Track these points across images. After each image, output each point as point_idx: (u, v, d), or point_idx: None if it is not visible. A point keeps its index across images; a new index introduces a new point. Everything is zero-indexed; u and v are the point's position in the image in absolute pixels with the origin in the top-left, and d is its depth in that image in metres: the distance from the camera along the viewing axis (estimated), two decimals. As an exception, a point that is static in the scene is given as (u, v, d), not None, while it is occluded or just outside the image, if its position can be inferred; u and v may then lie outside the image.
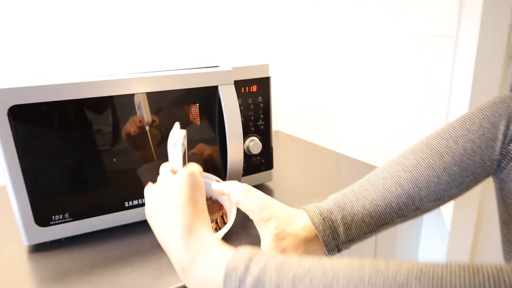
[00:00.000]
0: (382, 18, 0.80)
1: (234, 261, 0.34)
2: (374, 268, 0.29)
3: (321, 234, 0.47)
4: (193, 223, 0.40)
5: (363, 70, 0.86)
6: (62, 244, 0.57)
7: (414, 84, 0.77)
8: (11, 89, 0.49)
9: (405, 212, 0.48)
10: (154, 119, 0.59)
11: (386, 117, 0.83)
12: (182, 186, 0.42)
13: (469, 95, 0.69)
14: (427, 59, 0.74)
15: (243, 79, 0.66)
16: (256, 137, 0.69)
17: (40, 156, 0.52)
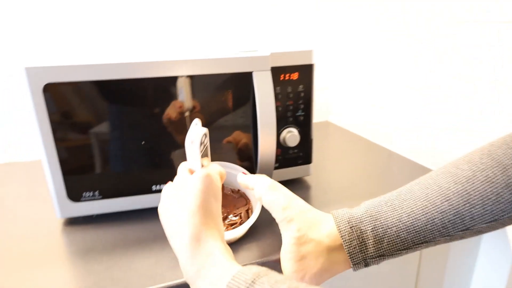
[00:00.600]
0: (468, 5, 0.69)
1: (236, 281, 0.31)
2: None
3: (347, 244, 0.41)
4: (202, 232, 0.37)
5: (428, 67, 0.76)
6: (92, 221, 0.59)
7: (482, 81, 0.66)
8: (47, 68, 0.50)
9: (451, 232, 0.41)
10: (195, 105, 0.57)
11: (448, 117, 0.73)
12: (195, 190, 0.39)
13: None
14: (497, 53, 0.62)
15: (283, 65, 0.61)
16: (294, 129, 0.65)
17: (73, 134, 0.54)
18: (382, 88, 0.85)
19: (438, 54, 0.71)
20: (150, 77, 0.54)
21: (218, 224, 0.39)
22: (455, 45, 0.69)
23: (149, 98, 0.55)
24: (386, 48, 0.84)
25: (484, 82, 0.65)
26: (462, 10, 0.65)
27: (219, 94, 0.58)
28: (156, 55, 0.56)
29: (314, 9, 1.00)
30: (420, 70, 0.71)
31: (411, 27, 0.72)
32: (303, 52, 0.61)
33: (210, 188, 0.40)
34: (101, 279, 0.46)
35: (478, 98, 0.67)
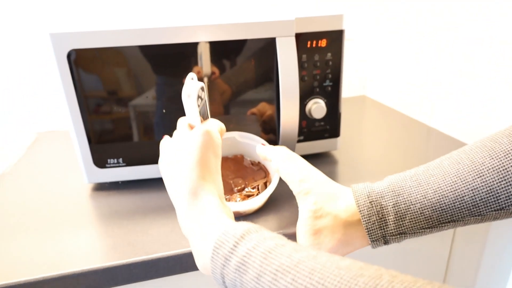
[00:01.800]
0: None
1: (225, 236, 0.31)
2: (372, 281, 0.23)
3: (365, 220, 0.39)
4: (199, 187, 0.36)
5: (476, 39, 0.68)
6: (118, 187, 0.60)
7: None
8: (70, 34, 0.50)
9: (483, 211, 0.37)
10: (214, 70, 0.55)
11: (493, 94, 0.65)
12: (194, 145, 0.38)
13: None
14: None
15: (311, 31, 0.57)
16: (321, 100, 0.61)
17: (98, 102, 0.54)
18: (424, 63, 0.78)
19: (485, 31, 0.63)
20: (173, 43, 0.53)
21: (216, 180, 0.38)
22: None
23: (171, 65, 0.54)
24: (430, 23, 0.76)
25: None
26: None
27: (242, 63, 0.56)
28: (176, 20, 0.54)
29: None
30: (462, 47, 0.63)
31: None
32: (332, 16, 0.57)
33: (210, 144, 0.39)
34: (119, 242, 0.47)
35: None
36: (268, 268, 0.27)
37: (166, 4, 0.87)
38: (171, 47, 0.53)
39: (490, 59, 0.66)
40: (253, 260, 0.28)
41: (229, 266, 0.29)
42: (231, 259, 0.29)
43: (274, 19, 0.54)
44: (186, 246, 0.46)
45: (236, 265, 0.28)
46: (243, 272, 0.28)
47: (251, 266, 0.28)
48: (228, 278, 0.29)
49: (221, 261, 0.30)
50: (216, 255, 0.30)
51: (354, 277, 0.23)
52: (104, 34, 0.51)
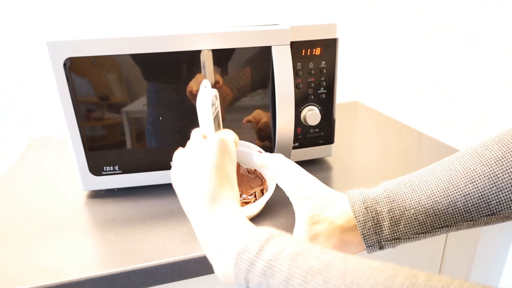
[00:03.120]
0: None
1: (249, 240, 0.30)
2: (409, 280, 0.23)
3: (361, 225, 0.40)
4: (219, 193, 0.36)
5: (471, 44, 0.70)
6: (113, 194, 0.60)
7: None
8: (67, 42, 0.51)
9: (475, 216, 0.38)
10: (218, 79, 0.56)
11: (489, 101, 0.67)
12: (210, 152, 0.38)
13: None
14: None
15: (305, 40, 0.58)
16: (315, 107, 0.62)
17: (95, 109, 0.55)
18: (415, 68, 0.80)
19: (472, 37, 0.65)
20: (169, 51, 0.53)
21: (233, 186, 0.39)
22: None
23: (167, 73, 0.55)
24: (420, 29, 0.78)
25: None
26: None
27: (238, 71, 0.57)
28: (172, 29, 0.55)
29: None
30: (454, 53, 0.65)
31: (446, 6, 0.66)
32: (326, 25, 0.58)
33: (226, 150, 0.39)
34: (117, 250, 0.47)
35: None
36: (297, 271, 0.26)
37: (163, 12, 0.88)
38: (167, 55, 0.53)
39: (481, 67, 0.68)
40: (281, 264, 0.27)
41: (254, 270, 0.28)
42: (257, 263, 0.28)
43: (269, 28, 0.55)
44: (185, 253, 0.46)
45: (262, 269, 0.28)
46: (270, 276, 0.27)
47: (278, 269, 0.27)
48: (253, 283, 0.29)
49: (246, 266, 0.29)
50: (240, 260, 0.30)
51: (389, 277, 0.23)
52: (100, 42, 0.52)
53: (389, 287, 0.23)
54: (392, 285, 0.23)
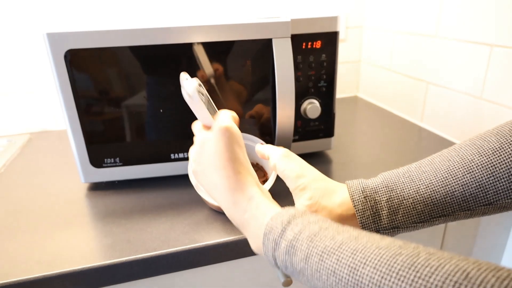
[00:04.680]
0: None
1: (273, 222, 0.33)
2: (409, 259, 0.25)
3: (360, 214, 0.40)
4: (237, 181, 0.38)
5: (475, 25, 0.70)
6: (114, 187, 0.61)
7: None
8: (68, 33, 0.51)
9: (472, 206, 0.38)
10: (216, 68, 0.56)
11: (493, 90, 0.67)
12: (218, 145, 0.39)
13: None
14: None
15: (306, 33, 0.58)
16: (315, 100, 0.63)
17: (95, 101, 0.55)
18: (413, 63, 0.81)
19: (486, 23, 0.65)
20: (169, 44, 0.53)
21: (249, 170, 0.40)
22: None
23: (168, 65, 0.55)
24: (419, 22, 0.78)
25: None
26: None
27: (238, 64, 0.57)
28: (174, 21, 0.55)
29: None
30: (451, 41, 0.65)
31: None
32: (327, 18, 0.58)
33: (232, 138, 0.39)
34: (118, 240, 0.47)
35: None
36: (314, 250, 0.29)
37: (163, 5, 0.88)
38: (167, 47, 0.53)
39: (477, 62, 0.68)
40: (301, 243, 0.30)
41: (279, 249, 0.32)
42: (281, 243, 0.32)
43: (270, 21, 0.55)
44: (186, 243, 0.46)
45: (285, 248, 0.31)
46: (293, 254, 0.31)
47: (299, 249, 0.30)
48: (280, 260, 0.32)
49: (272, 245, 0.32)
50: (267, 240, 0.33)
51: (393, 256, 0.25)
52: (102, 34, 0.52)
53: (391, 266, 0.25)
54: (395, 264, 0.25)
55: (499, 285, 0.20)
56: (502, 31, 0.63)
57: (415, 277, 0.23)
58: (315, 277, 0.29)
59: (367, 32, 1.01)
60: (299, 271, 0.30)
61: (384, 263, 0.25)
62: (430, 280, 0.22)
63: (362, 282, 0.26)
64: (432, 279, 0.22)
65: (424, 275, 0.23)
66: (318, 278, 0.29)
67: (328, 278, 0.28)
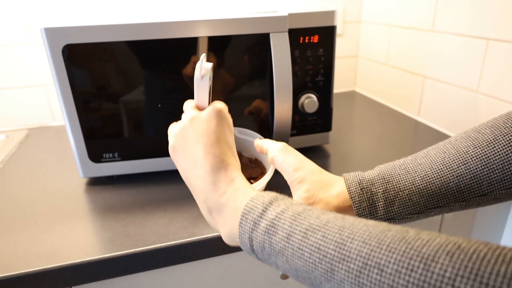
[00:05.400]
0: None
1: (253, 202, 0.33)
2: (399, 234, 0.25)
3: (356, 206, 0.41)
4: (223, 162, 0.37)
5: (471, 19, 0.70)
6: (113, 182, 0.61)
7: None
8: (66, 28, 0.51)
9: (467, 197, 0.39)
10: (214, 66, 0.56)
11: (490, 84, 0.68)
12: (210, 124, 0.39)
13: None
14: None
15: (303, 27, 0.59)
16: (313, 94, 0.63)
17: (94, 96, 0.55)
18: (409, 58, 0.81)
19: (483, 17, 0.65)
20: (167, 38, 0.53)
21: (235, 155, 0.40)
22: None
23: (166, 61, 0.55)
24: (416, 16, 0.78)
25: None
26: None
27: (236, 58, 0.57)
28: (172, 16, 0.55)
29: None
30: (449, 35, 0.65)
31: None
32: (324, 12, 0.59)
33: (225, 120, 0.40)
34: (118, 234, 0.48)
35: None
36: (297, 228, 0.29)
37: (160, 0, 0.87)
38: (165, 42, 0.54)
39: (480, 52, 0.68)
40: (283, 222, 0.30)
41: (258, 229, 0.31)
42: (260, 223, 0.31)
43: (267, 15, 0.55)
44: (184, 237, 0.47)
45: (265, 228, 0.30)
46: (273, 234, 0.30)
47: (281, 227, 0.29)
48: (257, 241, 0.31)
49: (250, 226, 0.31)
50: (245, 220, 0.32)
51: (382, 231, 0.25)
52: (99, 28, 0.52)
53: (381, 239, 0.25)
54: (385, 238, 0.25)
55: (491, 253, 0.20)
56: (498, 25, 0.63)
57: (407, 248, 0.23)
58: (296, 256, 0.28)
59: (364, 27, 1.01)
60: (278, 251, 0.29)
61: (373, 237, 0.25)
62: (423, 251, 0.22)
63: (349, 256, 0.25)
64: (425, 250, 0.22)
65: (416, 246, 0.23)
66: (299, 257, 0.28)
67: (312, 255, 0.27)
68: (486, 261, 0.20)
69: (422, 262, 0.22)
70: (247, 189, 0.35)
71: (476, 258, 0.20)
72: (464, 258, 0.20)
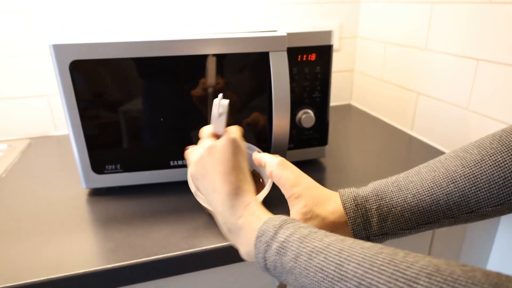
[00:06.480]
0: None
1: (266, 226, 0.36)
2: (389, 256, 0.28)
3: (351, 221, 0.42)
4: (239, 188, 0.41)
5: (462, 40, 0.73)
6: (115, 192, 0.63)
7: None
8: (73, 45, 0.53)
9: (455, 214, 0.41)
10: (218, 81, 0.58)
11: (479, 102, 0.70)
12: (226, 153, 0.42)
13: None
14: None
15: (301, 46, 0.61)
16: (310, 110, 0.65)
17: (98, 110, 0.57)
18: (406, 72, 0.84)
19: (474, 34, 0.68)
20: (170, 56, 0.56)
21: (249, 180, 0.44)
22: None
23: (170, 77, 0.57)
24: (408, 30, 0.81)
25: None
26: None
27: (237, 75, 0.59)
28: (174, 34, 0.57)
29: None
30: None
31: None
32: (321, 32, 0.61)
33: (239, 149, 0.43)
34: (120, 245, 0.49)
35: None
36: (304, 250, 0.32)
37: (162, 19, 0.90)
38: (170, 59, 0.56)
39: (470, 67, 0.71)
40: (291, 245, 0.33)
41: (270, 250, 0.34)
42: (272, 244, 0.34)
43: (267, 35, 0.57)
44: (185, 248, 0.48)
45: (276, 249, 0.34)
46: (283, 255, 0.33)
47: (289, 249, 0.33)
48: (270, 261, 0.34)
49: (263, 247, 0.35)
50: (259, 242, 0.36)
51: (375, 254, 0.29)
52: (105, 46, 0.54)
53: (373, 262, 0.28)
54: (376, 260, 0.28)
55: (464, 275, 0.24)
56: (488, 47, 0.66)
57: (394, 270, 0.27)
58: (303, 275, 0.32)
59: (361, 42, 1.04)
60: (288, 270, 0.33)
61: (367, 259, 0.29)
62: (407, 273, 0.26)
63: (347, 277, 0.29)
64: (409, 272, 0.26)
65: (402, 269, 0.26)
66: (306, 276, 0.31)
67: (316, 274, 0.31)
68: (458, 283, 0.24)
69: (405, 283, 0.25)
70: (261, 213, 0.39)
71: (451, 280, 0.24)
72: (441, 280, 0.24)
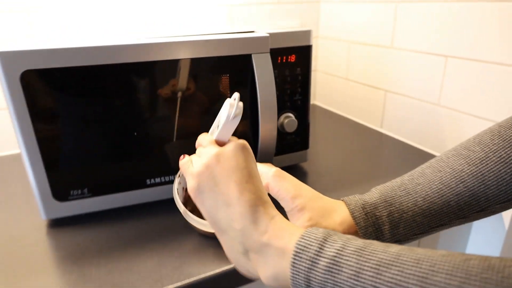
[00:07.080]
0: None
1: (306, 240, 0.30)
2: (483, 262, 0.24)
3: (362, 231, 0.40)
4: (260, 199, 0.35)
5: (430, 38, 0.75)
6: (81, 220, 0.54)
7: (499, 58, 0.65)
8: (24, 52, 0.44)
9: (466, 213, 0.40)
10: (189, 86, 0.52)
11: (450, 97, 0.73)
12: (239, 159, 0.36)
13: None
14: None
15: (280, 47, 0.58)
16: (291, 114, 0.62)
17: (56, 125, 0.49)
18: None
19: (431, 30, 0.70)
20: (141, 62, 0.49)
21: (264, 190, 0.38)
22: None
23: (142, 84, 0.51)
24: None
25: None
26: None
27: (215, 79, 0.54)
28: (146, 37, 0.51)
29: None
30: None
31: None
32: (301, 32, 0.59)
33: (251, 155, 0.38)
34: (101, 285, 0.42)
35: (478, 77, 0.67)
36: (366, 264, 0.27)
37: (130, 24, 0.81)
38: (140, 65, 0.49)
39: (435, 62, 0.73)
40: (346, 259, 0.28)
41: (316, 268, 0.29)
42: (319, 261, 0.29)
43: (248, 36, 0.53)
44: (180, 279, 0.43)
45: (326, 267, 0.28)
46: (336, 273, 0.28)
47: (345, 265, 0.28)
48: (316, 281, 0.29)
49: (306, 265, 0.29)
50: (299, 260, 0.29)
51: (463, 261, 0.24)
52: (62, 52, 0.46)
53: (468, 270, 0.24)
54: (468, 267, 0.24)
55: None
56: (455, 44, 0.68)
57: (499, 277, 0.23)
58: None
59: (322, 42, 1.04)
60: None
61: (456, 267, 0.24)
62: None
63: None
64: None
65: (508, 274, 0.22)
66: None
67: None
68: None
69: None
70: (291, 226, 0.33)
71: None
72: None
